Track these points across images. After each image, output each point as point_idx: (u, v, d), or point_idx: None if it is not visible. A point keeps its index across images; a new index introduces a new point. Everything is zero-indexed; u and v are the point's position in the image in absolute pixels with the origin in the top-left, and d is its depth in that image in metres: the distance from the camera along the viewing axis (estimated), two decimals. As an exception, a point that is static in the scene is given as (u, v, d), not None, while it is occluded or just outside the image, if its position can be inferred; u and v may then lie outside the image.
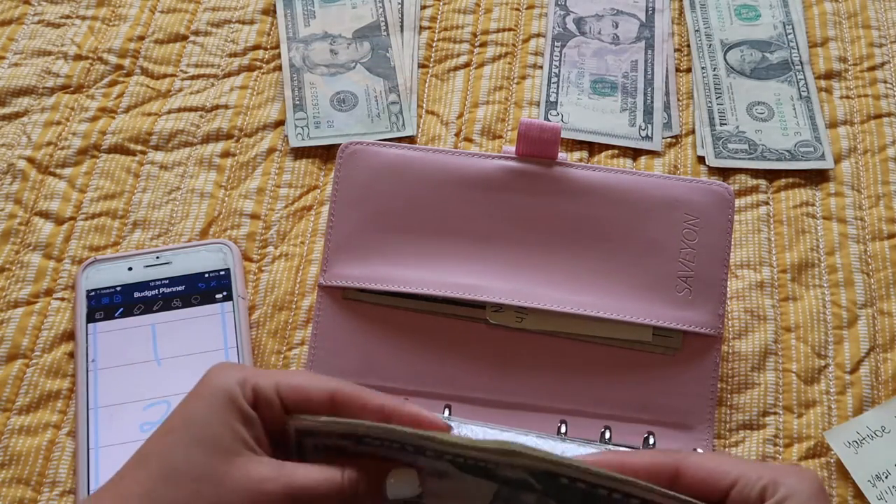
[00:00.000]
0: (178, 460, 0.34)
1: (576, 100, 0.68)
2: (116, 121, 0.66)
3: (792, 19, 0.72)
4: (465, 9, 0.72)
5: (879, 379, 0.56)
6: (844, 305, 0.59)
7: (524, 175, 0.56)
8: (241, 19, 0.72)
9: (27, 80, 0.67)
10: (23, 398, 0.55)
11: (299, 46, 0.70)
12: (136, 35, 0.70)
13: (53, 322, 0.57)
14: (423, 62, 0.70)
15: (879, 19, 0.72)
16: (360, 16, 0.71)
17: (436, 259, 0.55)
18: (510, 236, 0.55)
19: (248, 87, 0.68)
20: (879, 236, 0.61)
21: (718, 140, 0.65)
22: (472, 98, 0.68)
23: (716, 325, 0.54)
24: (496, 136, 0.66)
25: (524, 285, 0.54)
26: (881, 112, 0.67)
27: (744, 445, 0.54)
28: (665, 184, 0.56)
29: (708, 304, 0.54)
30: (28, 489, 0.52)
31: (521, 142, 0.56)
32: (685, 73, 0.70)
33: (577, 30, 0.71)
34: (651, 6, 0.73)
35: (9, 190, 0.62)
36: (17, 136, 0.65)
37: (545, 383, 0.54)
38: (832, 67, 0.69)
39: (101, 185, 0.63)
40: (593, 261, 0.55)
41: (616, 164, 0.64)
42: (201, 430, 0.34)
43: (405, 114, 0.66)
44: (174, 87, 0.68)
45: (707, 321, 0.54)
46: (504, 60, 0.70)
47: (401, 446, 0.35)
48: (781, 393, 0.56)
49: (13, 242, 0.60)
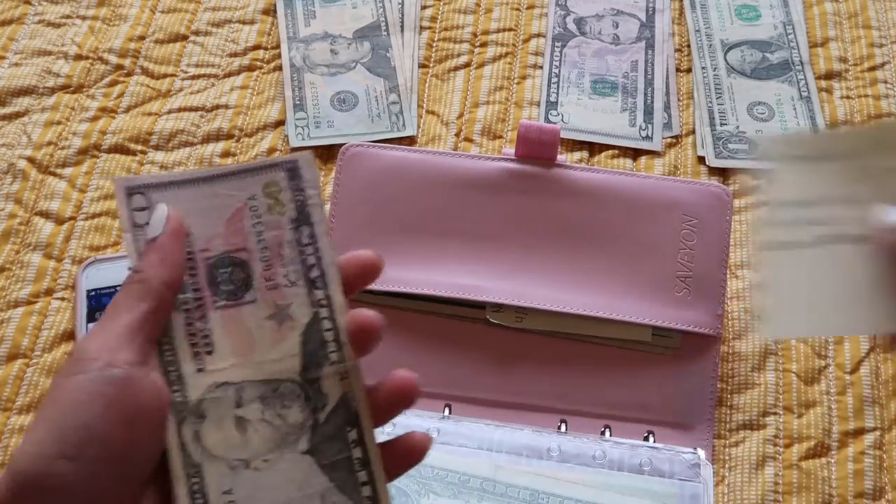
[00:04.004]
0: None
1: (576, 100, 0.68)
2: (117, 120, 0.66)
3: (792, 19, 0.72)
4: (465, 9, 0.72)
5: (879, 379, 0.56)
6: (844, 306, 0.59)
7: (523, 176, 0.56)
8: (241, 19, 0.72)
9: (27, 79, 0.67)
10: (23, 398, 0.55)
11: (300, 46, 0.70)
12: (137, 35, 0.70)
13: (53, 322, 0.57)
14: (424, 62, 0.70)
15: (880, 19, 0.72)
16: (360, 16, 0.71)
17: (436, 260, 0.55)
18: (510, 237, 0.55)
19: (249, 87, 0.68)
20: (879, 236, 0.61)
21: (719, 140, 0.65)
22: (473, 98, 0.68)
23: (715, 326, 0.54)
24: (496, 137, 0.66)
25: (524, 285, 0.54)
26: (881, 112, 0.67)
27: (744, 445, 0.54)
28: (663, 185, 0.56)
29: (707, 305, 0.54)
30: (28, 489, 0.52)
31: (521, 143, 0.56)
32: (685, 73, 0.70)
33: (577, 30, 0.71)
34: (651, 6, 0.73)
35: (9, 190, 0.62)
36: (18, 136, 0.65)
37: (545, 383, 0.54)
38: (832, 67, 0.69)
39: (102, 185, 0.63)
40: (592, 261, 0.55)
41: (616, 164, 0.64)
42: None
43: (405, 114, 0.66)
44: (174, 87, 0.68)
45: (706, 321, 0.54)
46: (504, 60, 0.70)
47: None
48: (781, 393, 0.56)
49: (13, 242, 0.60)
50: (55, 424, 0.31)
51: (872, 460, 0.53)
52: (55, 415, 0.32)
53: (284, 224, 0.37)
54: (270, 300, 0.36)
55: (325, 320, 0.36)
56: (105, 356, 0.32)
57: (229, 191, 0.36)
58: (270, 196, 0.37)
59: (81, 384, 0.32)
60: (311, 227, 0.37)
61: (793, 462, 0.53)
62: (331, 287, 0.36)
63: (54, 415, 0.32)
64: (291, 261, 0.36)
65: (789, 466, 0.53)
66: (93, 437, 0.31)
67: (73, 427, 0.31)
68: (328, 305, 0.36)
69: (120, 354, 0.33)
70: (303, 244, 0.37)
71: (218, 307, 0.36)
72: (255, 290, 0.36)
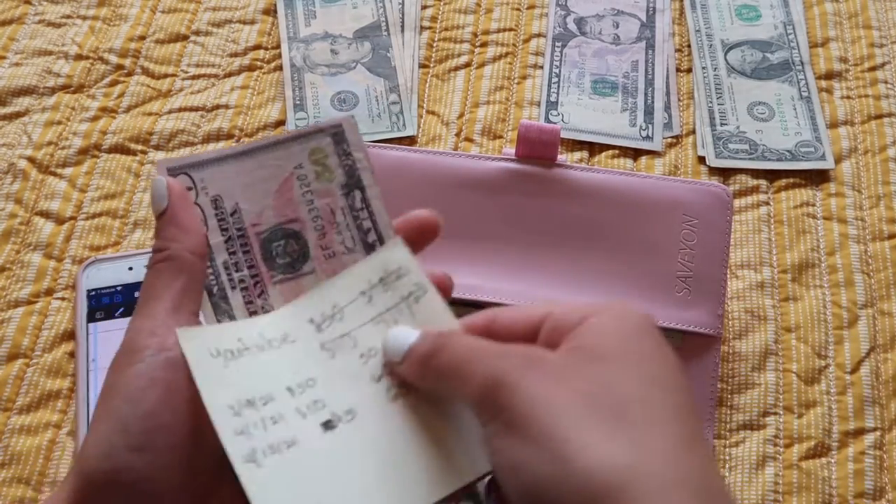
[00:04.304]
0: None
1: (576, 100, 0.67)
2: (117, 120, 0.66)
3: (792, 19, 0.72)
4: (465, 9, 0.72)
5: (879, 379, 0.56)
6: (845, 306, 0.59)
7: (524, 177, 0.56)
8: (241, 19, 0.72)
9: (28, 79, 0.67)
10: (23, 398, 0.55)
11: (300, 46, 0.70)
12: (137, 35, 0.70)
13: (54, 322, 0.57)
14: (424, 62, 0.70)
15: (880, 19, 0.72)
16: (360, 16, 0.71)
17: (436, 260, 0.55)
18: (510, 237, 0.55)
19: (249, 87, 0.68)
20: (880, 236, 0.61)
21: (719, 140, 0.65)
22: (473, 98, 0.68)
23: (715, 326, 0.54)
24: (497, 136, 0.66)
25: (524, 286, 0.54)
26: (882, 112, 0.67)
27: (744, 445, 0.54)
28: (664, 185, 0.56)
29: (707, 305, 0.54)
30: (28, 489, 0.52)
31: (521, 144, 0.56)
32: (686, 73, 0.70)
33: (577, 30, 0.71)
34: (652, 6, 0.73)
35: (9, 190, 0.62)
36: (18, 136, 0.65)
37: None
38: (833, 67, 0.69)
39: (102, 185, 0.63)
40: (593, 262, 0.55)
41: (616, 164, 0.64)
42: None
43: (406, 114, 0.66)
44: (175, 87, 0.68)
45: (706, 321, 0.54)
46: (505, 60, 0.70)
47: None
48: (782, 393, 0.56)
49: (13, 242, 0.60)
50: (117, 417, 0.30)
51: (872, 460, 0.53)
52: (116, 408, 0.30)
53: (335, 190, 0.36)
54: (329, 269, 0.35)
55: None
56: (155, 342, 0.31)
57: (275, 161, 0.35)
58: (318, 163, 0.36)
59: (138, 373, 0.31)
60: (362, 190, 0.36)
61: (793, 462, 0.53)
62: None
63: (115, 408, 0.30)
64: (346, 227, 0.35)
65: (789, 466, 0.53)
66: (158, 425, 0.30)
67: (137, 417, 0.30)
68: None
69: (170, 337, 0.32)
70: (356, 209, 0.36)
71: (276, 282, 0.35)
72: (312, 260, 0.35)
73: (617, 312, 0.31)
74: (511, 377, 0.29)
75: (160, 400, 0.30)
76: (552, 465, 0.27)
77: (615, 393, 0.28)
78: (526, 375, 0.29)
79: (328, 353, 0.34)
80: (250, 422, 0.31)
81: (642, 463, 0.26)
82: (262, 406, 0.32)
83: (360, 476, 0.31)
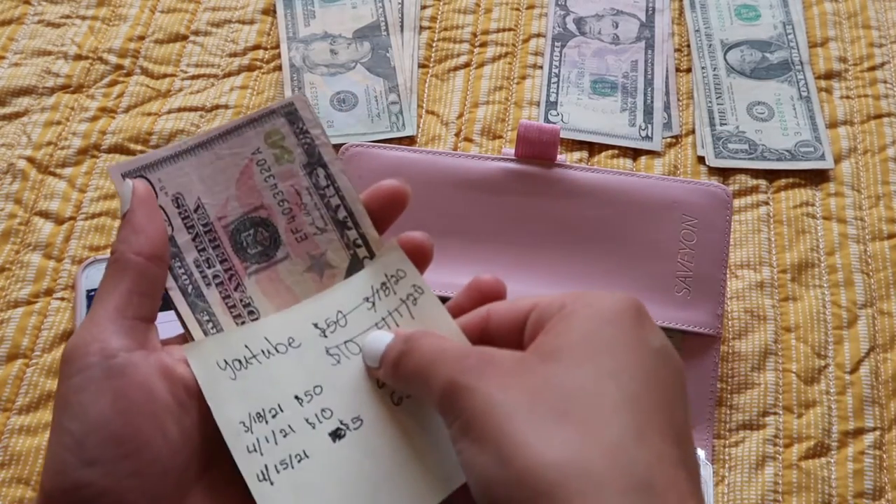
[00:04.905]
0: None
1: (576, 100, 0.67)
2: (116, 121, 0.66)
3: (792, 19, 0.72)
4: (465, 9, 0.72)
5: (879, 379, 0.56)
6: (844, 305, 0.59)
7: (523, 177, 0.56)
8: (241, 19, 0.72)
9: (27, 79, 0.67)
10: (23, 398, 0.55)
11: (299, 46, 0.70)
12: (137, 35, 0.70)
13: (53, 322, 0.57)
14: (423, 62, 0.70)
15: (879, 19, 0.72)
16: (360, 16, 0.71)
17: (436, 259, 0.55)
18: (509, 237, 0.55)
19: (249, 87, 0.68)
20: (879, 236, 0.61)
21: (718, 140, 0.65)
22: (472, 98, 0.68)
23: (714, 325, 0.54)
24: (496, 137, 0.66)
25: (524, 286, 0.54)
26: (881, 112, 0.67)
27: (744, 445, 0.54)
28: (663, 185, 0.56)
29: (707, 305, 0.54)
30: (28, 489, 0.52)
31: (521, 144, 0.56)
32: (685, 73, 0.70)
33: (577, 30, 0.71)
34: (651, 6, 0.73)
35: (9, 190, 0.62)
36: (17, 136, 0.65)
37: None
38: (832, 67, 0.69)
39: (102, 185, 0.63)
40: (592, 261, 0.55)
41: (616, 164, 0.64)
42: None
43: (405, 114, 0.66)
44: (174, 87, 0.68)
45: (706, 321, 0.54)
46: (504, 60, 0.70)
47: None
48: (781, 393, 0.56)
49: (13, 242, 0.60)
50: (68, 432, 0.29)
51: (872, 460, 0.53)
52: (66, 423, 0.30)
53: (297, 171, 0.35)
54: (303, 252, 0.35)
55: (366, 259, 0.35)
56: (97, 349, 0.30)
57: (231, 150, 0.35)
58: (275, 146, 0.35)
59: (83, 384, 0.30)
60: (324, 167, 0.35)
61: (793, 462, 0.53)
62: (363, 224, 0.35)
63: (65, 423, 0.30)
64: (315, 206, 0.35)
65: (789, 466, 0.53)
66: (109, 435, 0.29)
67: (86, 430, 0.29)
68: (364, 244, 0.35)
69: (112, 342, 0.31)
70: (321, 187, 0.35)
71: (251, 272, 0.34)
72: (285, 245, 0.35)
73: (590, 300, 0.30)
74: (468, 379, 0.29)
75: (109, 410, 0.29)
76: (498, 466, 0.27)
77: (563, 388, 0.28)
78: (482, 377, 0.29)
79: (333, 358, 0.34)
80: (261, 436, 0.32)
81: (581, 459, 0.26)
82: (272, 419, 0.32)
83: (369, 482, 0.31)
